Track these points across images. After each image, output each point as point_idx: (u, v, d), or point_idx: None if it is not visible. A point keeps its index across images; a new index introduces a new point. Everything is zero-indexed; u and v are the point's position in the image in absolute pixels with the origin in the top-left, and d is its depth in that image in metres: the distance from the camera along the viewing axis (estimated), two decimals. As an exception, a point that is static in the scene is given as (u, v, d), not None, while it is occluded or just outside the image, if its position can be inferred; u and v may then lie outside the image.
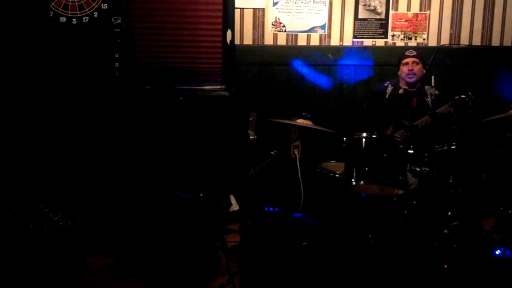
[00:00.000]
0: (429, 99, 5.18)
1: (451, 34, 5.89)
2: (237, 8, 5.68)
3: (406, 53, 5.25)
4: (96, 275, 4.43)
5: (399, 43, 5.85)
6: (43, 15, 5.22)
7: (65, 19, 5.28)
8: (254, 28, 5.76)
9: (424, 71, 5.28)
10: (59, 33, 5.25)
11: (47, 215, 4.21)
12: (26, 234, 4.04)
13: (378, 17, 5.81)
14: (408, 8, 5.83)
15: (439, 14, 5.85)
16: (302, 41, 5.80)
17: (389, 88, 5.33)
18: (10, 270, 3.93)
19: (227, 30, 5.64)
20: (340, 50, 5.82)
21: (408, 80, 5.19)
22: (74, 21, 5.30)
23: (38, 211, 4.23)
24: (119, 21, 5.35)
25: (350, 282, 3.99)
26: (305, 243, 4.24)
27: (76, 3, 5.29)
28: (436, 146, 4.42)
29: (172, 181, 5.08)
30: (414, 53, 5.22)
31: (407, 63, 5.20)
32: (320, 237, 4.32)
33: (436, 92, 5.23)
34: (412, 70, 5.17)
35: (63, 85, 5.27)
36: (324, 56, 5.80)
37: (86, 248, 4.58)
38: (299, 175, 5.10)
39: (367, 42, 5.85)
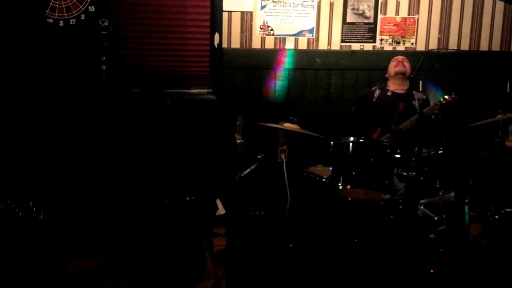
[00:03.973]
0: (416, 103, 5.18)
1: (439, 39, 5.88)
2: (225, 11, 5.67)
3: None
4: (79, 278, 4.39)
5: (387, 48, 5.84)
6: (31, 17, 5.20)
7: (52, 21, 5.25)
8: (242, 31, 5.74)
9: (412, 75, 5.29)
10: (46, 35, 5.23)
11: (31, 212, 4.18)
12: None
13: (366, 21, 5.80)
14: (397, 13, 5.82)
15: (428, 19, 5.85)
16: (290, 44, 5.79)
17: (377, 92, 5.32)
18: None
19: (214, 34, 5.63)
20: (328, 54, 5.80)
21: (396, 69, 5.22)
22: (61, 23, 5.28)
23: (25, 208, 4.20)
24: (106, 23, 5.33)
25: (336, 286, 3.98)
26: (291, 245, 4.23)
27: (64, 6, 5.28)
28: (423, 151, 4.41)
29: (159, 184, 5.06)
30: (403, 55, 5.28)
31: (396, 59, 5.25)
32: (306, 241, 4.31)
33: (424, 96, 5.24)
34: (401, 62, 5.23)
35: (48, 87, 5.25)
36: (312, 60, 5.78)
37: (69, 250, 4.55)
38: (286, 179, 5.08)
39: (355, 46, 5.84)
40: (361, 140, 4.23)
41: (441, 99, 4.83)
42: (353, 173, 4.15)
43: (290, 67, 5.77)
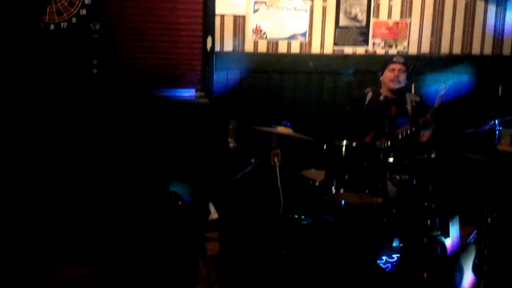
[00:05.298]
0: (409, 106, 5.16)
1: (431, 42, 5.89)
2: (217, 15, 5.65)
3: (395, 59, 5.19)
4: (68, 285, 4.35)
5: (380, 51, 5.84)
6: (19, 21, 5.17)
7: (42, 24, 5.23)
8: (234, 35, 5.72)
9: (407, 81, 5.26)
10: (36, 38, 5.20)
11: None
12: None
13: (358, 25, 5.80)
14: (389, 16, 5.83)
15: (420, 22, 5.86)
16: (282, 48, 5.77)
17: (369, 94, 5.28)
18: None
19: (207, 37, 5.61)
20: (320, 58, 5.80)
21: (391, 86, 5.13)
22: (52, 27, 5.26)
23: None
24: (98, 27, 5.31)
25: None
26: (285, 252, 4.22)
27: (54, 9, 5.25)
28: (416, 155, 4.41)
29: (151, 189, 5.03)
30: (402, 60, 5.17)
31: (393, 69, 5.14)
32: (299, 246, 4.30)
33: (417, 98, 5.21)
34: (397, 76, 5.12)
35: (40, 91, 5.22)
36: (304, 64, 5.77)
37: (58, 256, 4.52)
38: (279, 183, 5.07)
39: (348, 50, 5.84)
40: (354, 144, 4.23)
41: (431, 111, 4.79)
42: (346, 177, 4.16)
43: (283, 71, 5.76)
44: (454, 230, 4.25)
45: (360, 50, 5.85)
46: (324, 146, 4.32)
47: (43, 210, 4.68)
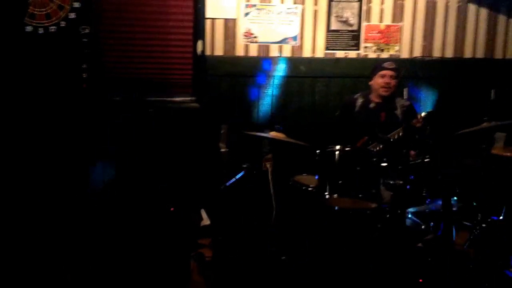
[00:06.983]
0: (398, 111, 5.12)
1: (423, 46, 5.88)
2: (208, 18, 5.61)
3: (385, 65, 5.11)
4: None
5: (372, 55, 5.82)
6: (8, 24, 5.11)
7: (31, 28, 5.18)
8: (225, 39, 5.68)
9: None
10: (25, 42, 5.15)
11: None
12: None
13: (350, 28, 5.78)
14: (381, 20, 5.81)
15: (412, 26, 5.84)
16: (274, 52, 5.74)
17: (360, 100, 5.25)
18: None
19: (197, 41, 5.57)
20: (312, 62, 5.77)
21: (382, 93, 5.09)
22: (41, 31, 5.21)
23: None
24: (87, 31, 5.27)
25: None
26: (284, 257, 4.20)
27: (43, 13, 5.21)
28: (410, 159, 4.39)
29: (142, 195, 4.99)
30: (394, 66, 5.10)
31: (384, 75, 5.08)
32: (293, 252, 4.28)
33: (407, 102, 5.17)
34: (388, 83, 5.07)
35: (28, 95, 5.16)
36: (296, 68, 5.74)
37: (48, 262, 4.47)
38: (271, 189, 5.03)
39: (340, 54, 5.81)
40: (347, 149, 4.20)
41: (421, 115, 4.76)
42: (340, 182, 4.12)
43: (274, 75, 5.73)
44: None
45: (352, 54, 5.82)
46: (317, 151, 4.29)
47: (35, 212, 4.63)
